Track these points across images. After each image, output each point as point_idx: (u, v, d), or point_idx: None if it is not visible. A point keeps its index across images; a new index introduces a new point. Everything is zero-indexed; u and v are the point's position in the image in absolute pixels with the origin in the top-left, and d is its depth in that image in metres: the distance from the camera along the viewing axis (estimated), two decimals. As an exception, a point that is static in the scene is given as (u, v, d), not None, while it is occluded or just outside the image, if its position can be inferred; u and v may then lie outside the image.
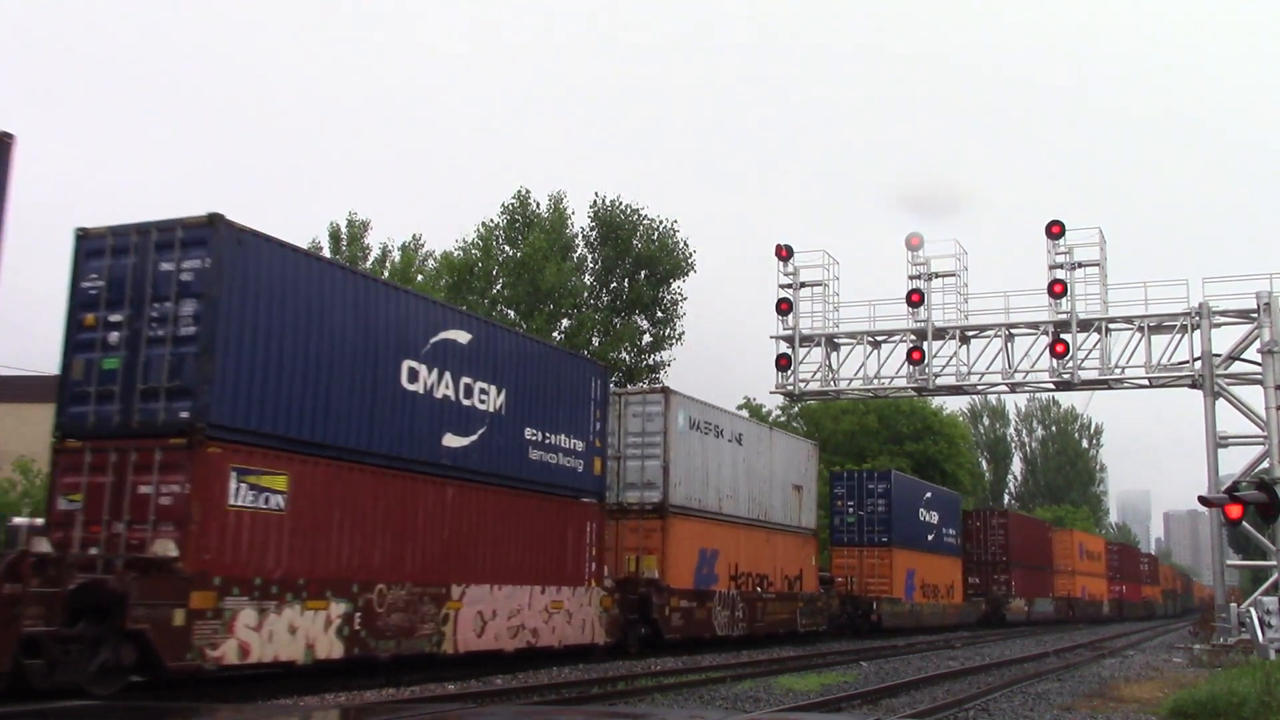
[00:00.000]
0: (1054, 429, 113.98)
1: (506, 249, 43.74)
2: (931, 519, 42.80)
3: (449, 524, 17.83)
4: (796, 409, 52.88)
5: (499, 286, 43.19)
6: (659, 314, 44.34)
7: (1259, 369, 27.85)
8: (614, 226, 44.08)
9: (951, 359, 31.14)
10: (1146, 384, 29.97)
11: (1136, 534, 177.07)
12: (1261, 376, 27.62)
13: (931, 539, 42.74)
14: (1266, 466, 26.93)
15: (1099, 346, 29.80)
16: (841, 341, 32.29)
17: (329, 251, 45.53)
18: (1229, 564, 33.43)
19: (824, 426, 53.36)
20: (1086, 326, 29.85)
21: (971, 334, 31.16)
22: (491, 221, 43.99)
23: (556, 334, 40.95)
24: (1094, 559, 67.51)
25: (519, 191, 44.36)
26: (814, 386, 32.41)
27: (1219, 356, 28.84)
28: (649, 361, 44.06)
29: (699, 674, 19.54)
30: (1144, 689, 18.51)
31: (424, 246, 49.09)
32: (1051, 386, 31.76)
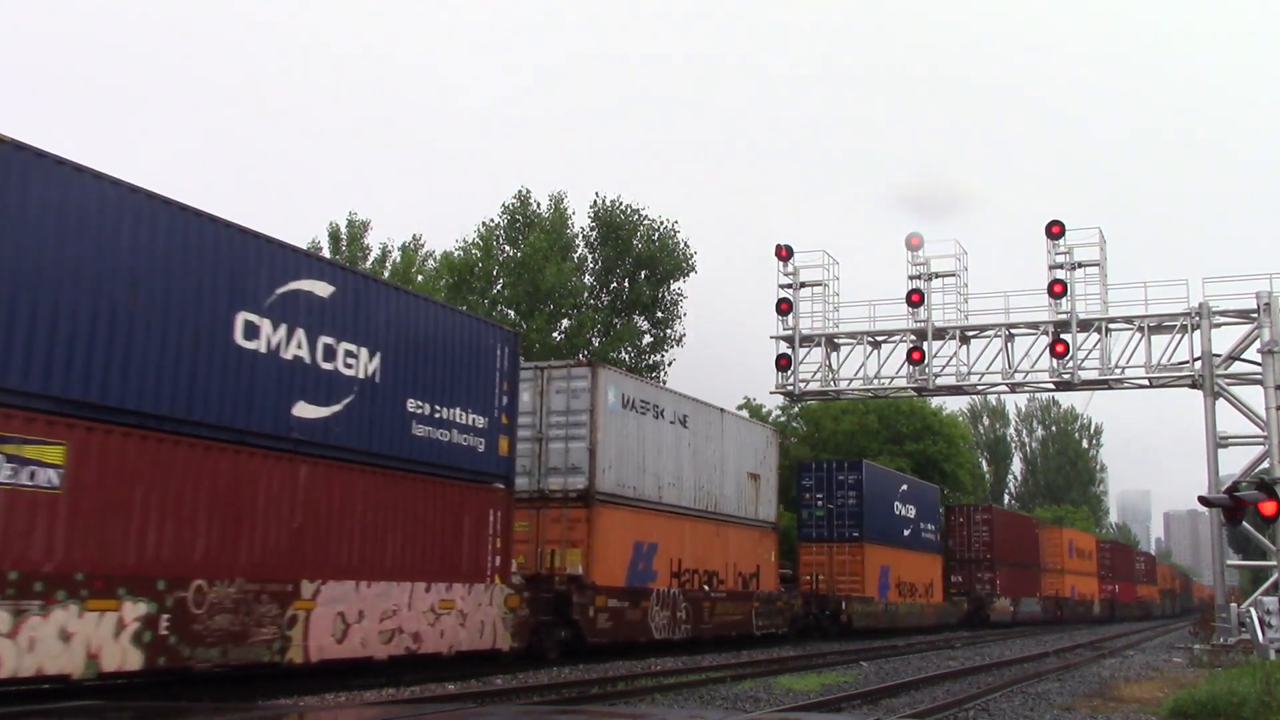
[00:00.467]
0: (1054, 429, 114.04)
1: (507, 249, 43.78)
2: (908, 513, 40.65)
3: (301, 509, 14.97)
4: (797, 409, 52.88)
5: (499, 287, 43.23)
6: (659, 314, 44.36)
7: (1259, 369, 27.87)
8: (614, 227, 44.09)
9: (951, 359, 31.19)
10: (1146, 384, 29.99)
11: (1137, 534, 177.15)
12: (1261, 376, 27.64)
13: (908, 534, 40.60)
14: (1266, 466, 26.94)
15: (1099, 346, 29.83)
16: (841, 341, 32.31)
17: (329, 252, 45.52)
18: (1229, 564, 33.44)
19: (824, 426, 53.36)
20: (1086, 326, 29.87)
21: (971, 334, 31.19)
22: (492, 221, 44.07)
23: (556, 334, 40.98)
24: (1084, 557, 65.84)
25: (519, 191, 44.45)
26: (814, 387, 32.42)
27: (1219, 356, 28.86)
28: (649, 362, 44.09)
29: (699, 674, 19.56)
30: (1144, 689, 18.51)
31: (424, 246, 49.20)
32: (1051, 386, 31.78)
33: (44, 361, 11.94)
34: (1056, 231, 29.88)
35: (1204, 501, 23.47)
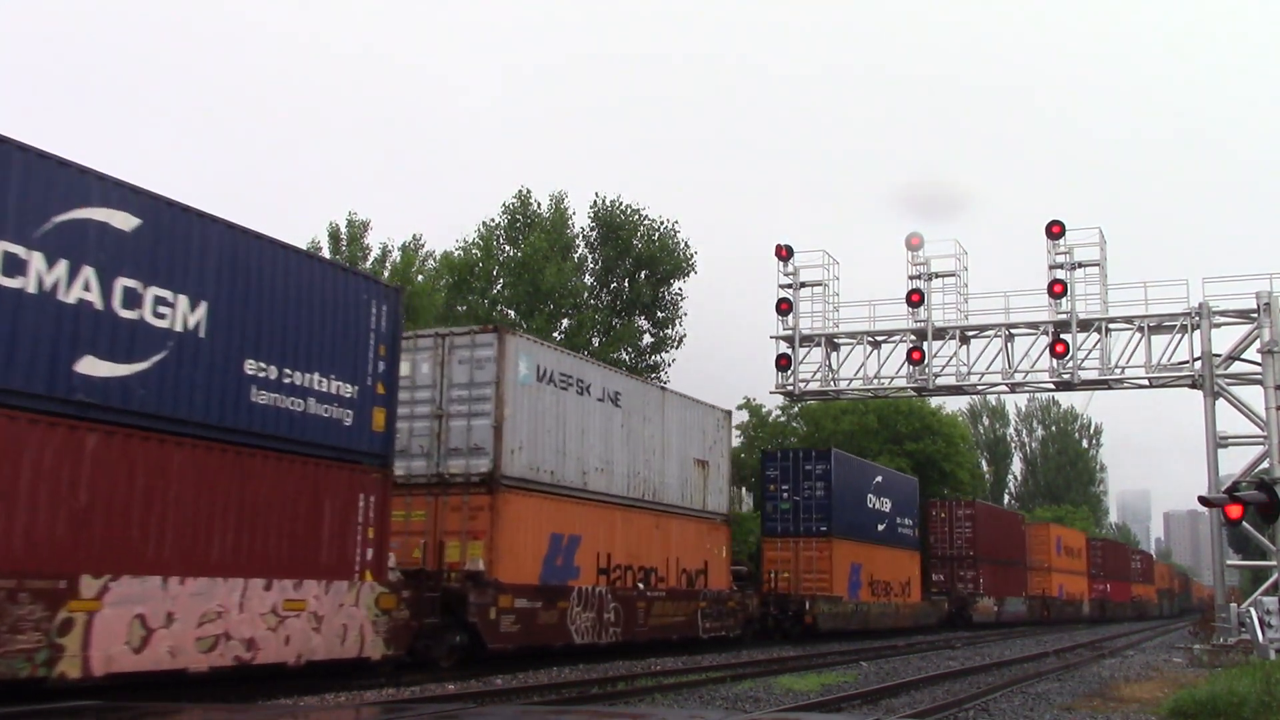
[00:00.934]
0: (1054, 429, 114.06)
1: (507, 249, 43.80)
2: (882, 506, 38.14)
3: (87, 487, 12.37)
4: (797, 409, 52.91)
5: (499, 287, 43.25)
6: (659, 314, 44.37)
7: (1259, 369, 27.87)
8: (614, 227, 44.10)
9: (951, 359, 31.18)
10: (1146, 384, 29.99)
11: (1137, 534, 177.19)
12: (1261, 376, 27.64)
13: (882, 529, 38.07)
14: (1266, 466, 26.94)
15: (1099, 346, 29.83)
16: (841, 341, 32.30)
17: (329, 252, 45.55)
18: (1229, 564, 33.45)
19: (824, 426, 53.38)
20: (1086, 326, 29.87)
21: (971, 334, 31.18)
22: (492, 221, 44.09)
23: (557, 334, 40.98)
24: (1074, 555, 63.44)
25: (520, 191, 44.47)
26: (814, 386, 32.42)
27: (1219, 356, 28.86)
28: (649, 362, 44.11)
29: (699, 674, 19.58)
30: (1144, 689, 18.52)
31: (424, 246, 49.21)
32: (1051, 386, 31.78)
33: None
34: (1056, 231, 29.88)
35: (1204, 501, 23.46)
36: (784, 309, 32.09)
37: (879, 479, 38.70)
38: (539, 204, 44.44)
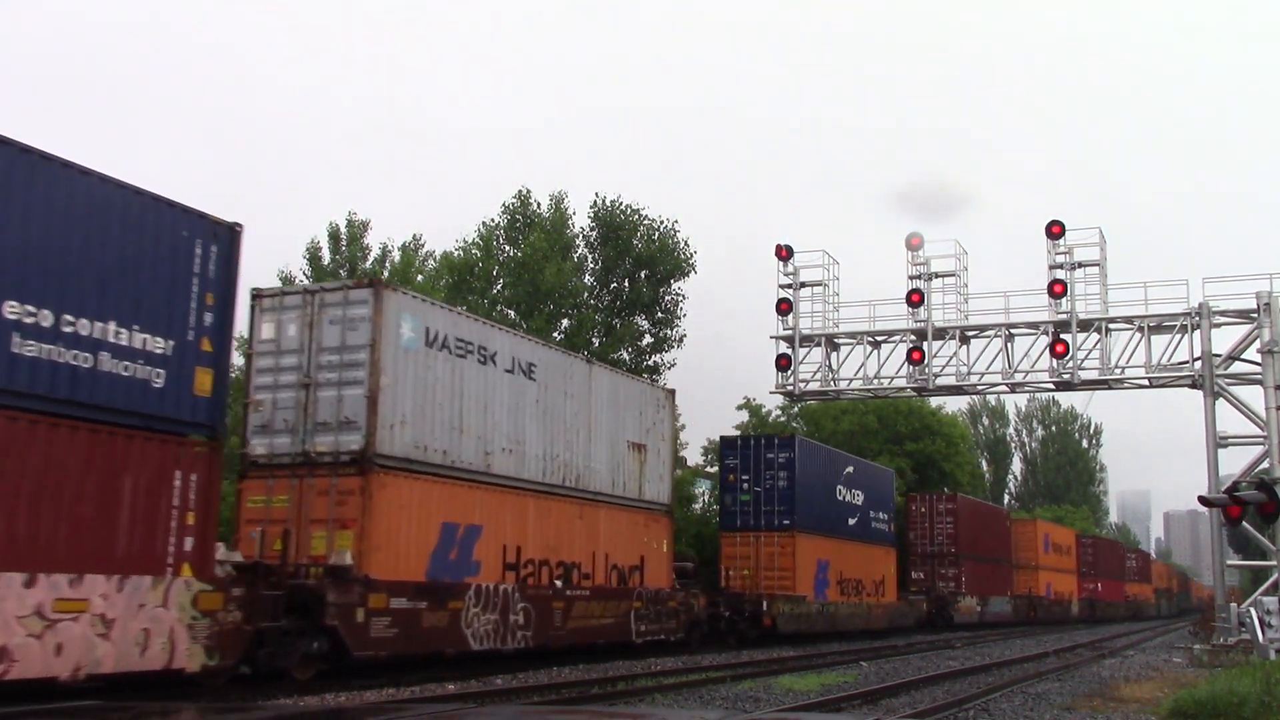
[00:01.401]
0: (1054, 429, 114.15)
1: (507, 249, 43.80)
2: (854, 499, 35.71)
3: None
4: (797, 409, 52.93)
5: (499, 286, 43.25)
6: (659, 314, 44.37)
7: (1259, 369, 27.88)
8: (614, 227, 44.10)
9: (951, 359, 31.19)
10: (1146, 384, 30.01)
11: (1137, 534, 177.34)
12: (1261, 376, 27.66)
13: (854, 523, 35.69)
14: (1266, 466, 26.95)
15: (1099, 346, 29.84)
16: (841, 341, 32.31)
17: (328, 252, 45.58)
18: (1229, 564, 33.46)
19: (824, 426, 53.38)
20: (1086, 326, 29.88)
21: (971, 334, 31.20)
22: (492, 221, 44.09)
23: (556, 334, 40.99)
24: (1062, 553, 60.85)
25: (520, 191, 44.43)
26: (814, 387, 32.42)
27: (1219, 356, 28.87)
28: (650, 362, 44.11)
29: (699, 674, 19.60)
30: (1144, 689, 18.53)
31: (424, 246, 49.15)
32: (1051, 386, 31.80)
33: None
34: (1056, 231, 29.89)
35: (1204, 501, 23.50)
36: (784, 309, 32.10)
37: (850, 469, 36.31)
38: (539, 204, 44.46)
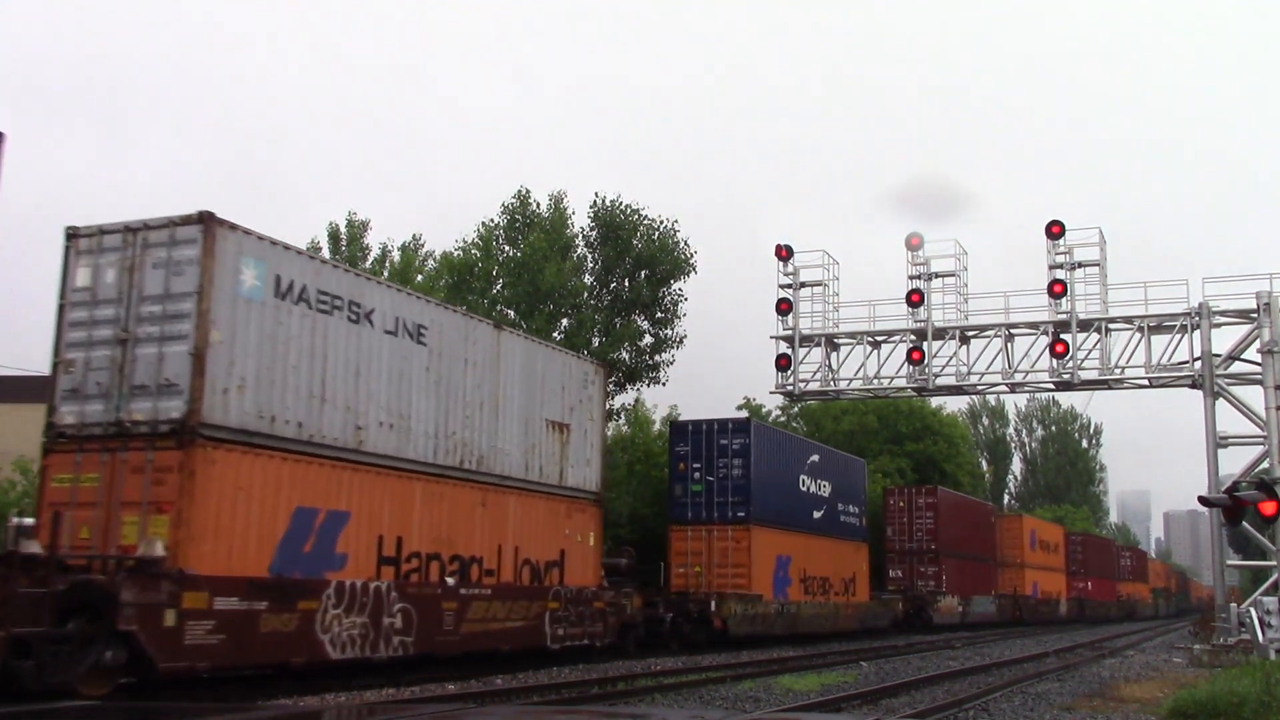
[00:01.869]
0: (1054, 429, 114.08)
1: (506, 249, 43.78)
2: (819, 490, 33.00)
3: None
4: (797, 409, 52.94)
5: (499, 287, 43.24)
6: (659, 314, 44.35)
7: (1259, 369, 27.90)
8: (614, 226, 44.05)
9: (951, 359, 31.20)
10: (1146, 384, 30.01)
11: (1137, 534, 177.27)
12: (1261, 376, 27.67)
13: (819, 517, 33.00)
14: (1266, 466, 26.96)
15: (1099, 346, 29.84)
16: (841, 341, 32.32)
17: (328, 252, 45.60)
18: (1229, 564, 33.45)
19: (824, 426, 53.38)
20: (1086, 326, 29.88)
21: (971, 334, 31.20)
22: (491, 221, 44.06)
23: (556, 334, 40.97)
24: (1050, 550, 58.33)
25: (519, 191, 44.38)
26: (814, 387, 32.42)
27: (1219, 356, 28.88)
28: (650, 362, 44.10)
29: (699, 674, 19.58)
30: (1144, 689, 18.53)
31: (424, 246, 49.20)
32: (1051, 386, 31.81)
33: None
34: (1056, 231, 29.89)
35: (1204, 501, 23.47)
36: (784, 309, 32.12)
37: (815, 458, 33.47)
38: (538, 204, 44.40)
